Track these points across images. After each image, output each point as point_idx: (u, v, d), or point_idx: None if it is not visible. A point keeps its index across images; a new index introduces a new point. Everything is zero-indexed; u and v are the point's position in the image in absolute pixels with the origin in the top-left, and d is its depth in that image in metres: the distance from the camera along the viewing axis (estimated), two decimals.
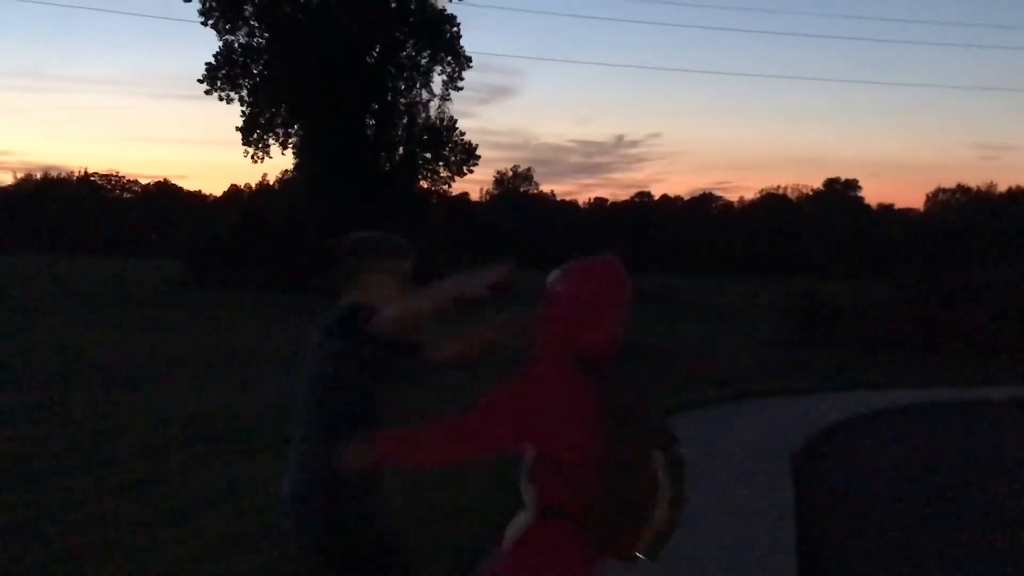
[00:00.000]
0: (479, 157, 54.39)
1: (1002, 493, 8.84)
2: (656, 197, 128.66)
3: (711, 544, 6.43)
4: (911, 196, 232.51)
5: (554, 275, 2.92)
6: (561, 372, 2.82)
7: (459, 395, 13.90)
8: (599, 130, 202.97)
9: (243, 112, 51.11)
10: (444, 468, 2.86)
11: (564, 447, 2.79)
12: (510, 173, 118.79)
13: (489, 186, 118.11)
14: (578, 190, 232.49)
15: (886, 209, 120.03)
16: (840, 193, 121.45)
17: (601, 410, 2.76)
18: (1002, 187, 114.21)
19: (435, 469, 2.97)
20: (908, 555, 6.70)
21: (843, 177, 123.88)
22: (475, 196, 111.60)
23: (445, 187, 56.72)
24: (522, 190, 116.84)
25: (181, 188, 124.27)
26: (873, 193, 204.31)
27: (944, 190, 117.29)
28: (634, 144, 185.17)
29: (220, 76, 50.53)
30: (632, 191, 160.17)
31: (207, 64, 50.41)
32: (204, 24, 49.88)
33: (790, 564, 6.10)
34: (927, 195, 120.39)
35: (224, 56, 50.44)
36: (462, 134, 53.96)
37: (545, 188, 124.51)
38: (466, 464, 3.71)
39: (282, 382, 15.43)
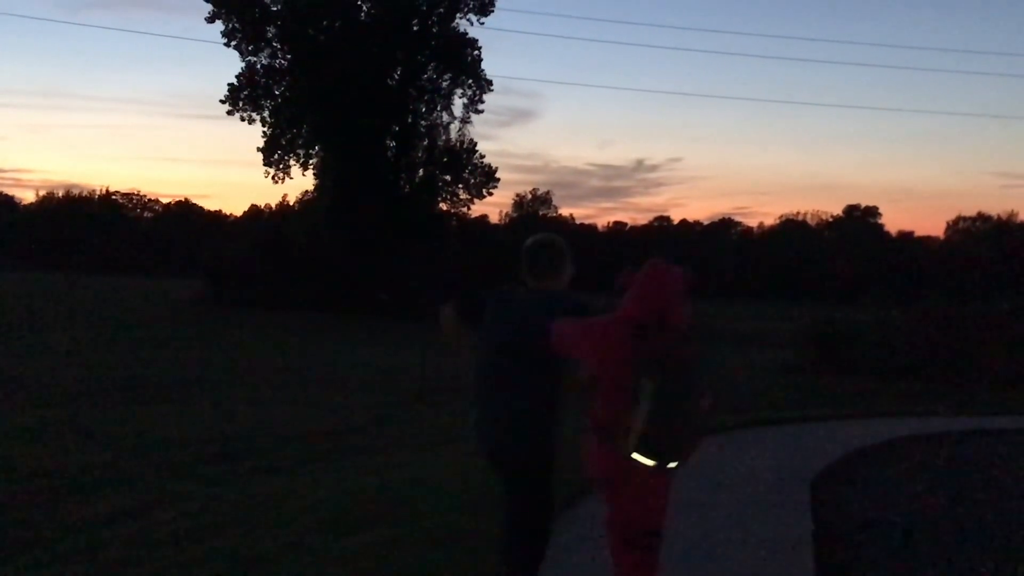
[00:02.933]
0: (498, 180, 54.63)
1: None
2: (675, 222, 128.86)
3: (727, 572, 6.42)
4: (931, 224, 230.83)
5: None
6: (613, 325, 4.22)
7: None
8: (619, 154, 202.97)
9: (264, 132, 51.51)
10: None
11: (602, 374, 4.18)
12: (529, 196, 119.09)
13: (508, 209, 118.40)
14: (597, 214, 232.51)
15: (906, 236, 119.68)
16: (860, 220, 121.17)
17: (632, 354, 4.00)
18: (1023, 216, 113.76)
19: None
20: None
21: (863, 204, 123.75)
22: (494, 219, 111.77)
23: (464, 209, 56.98)
24: (541, 213, 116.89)
25: (202, 207, 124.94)
26: (893, 220, 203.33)
27: (965, 218, 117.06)
28: (654, 168, 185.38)
29: (242, 97, 50.92)
30: (651, 215, 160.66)
31: (229, 85, 50.94)
32: (227, 45, 50.43)
33: None
34: (947, 223, 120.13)
35: (246, 77, 50.83)
36: (482, 157, 54.28)
37: (564, 211, 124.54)
38: None
39: (297, 401, 15.48)
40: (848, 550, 7.52)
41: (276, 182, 52.53)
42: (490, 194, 54.96)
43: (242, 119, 51.27)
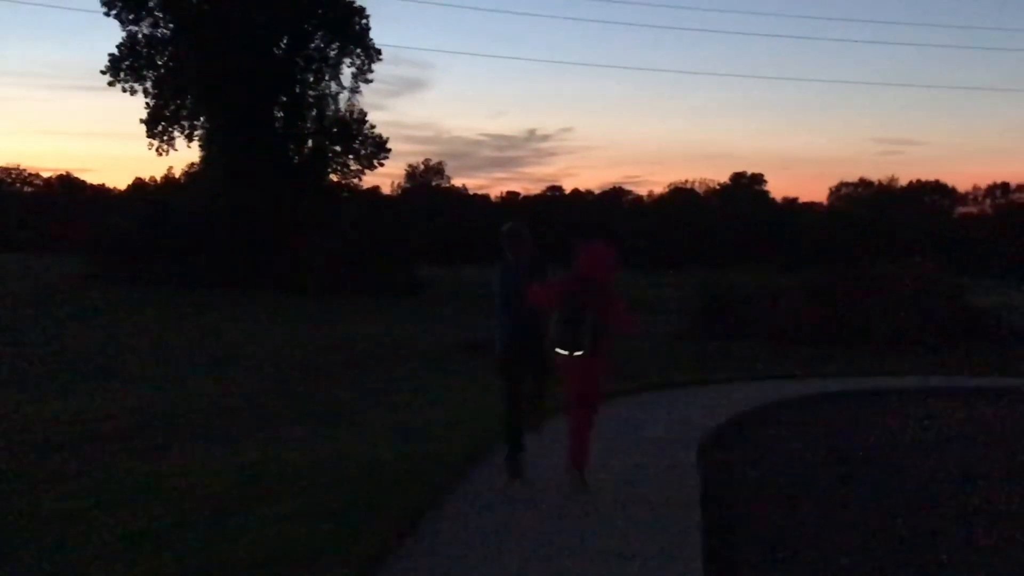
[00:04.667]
0: (390, 150, 54.06)
1: (906, 478, 9.10)
2: (567, 191, 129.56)
3: (617, 532, 6.53)
4: (815, 190, 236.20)
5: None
6: (567, 279, 7.67)
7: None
8: (511, 124, 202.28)
9: (147, 104, 50.09)
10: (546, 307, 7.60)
11: (557, 306, 7.56)
12: (422, 167, 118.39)
13: (400, 180, 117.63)
14: (490, 184, 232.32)
15: (791, 203, 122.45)
16: (746, 187, 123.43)
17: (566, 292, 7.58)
18: (903, 181, 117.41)
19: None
20: (814, 540, 6.88)
21: (749, 171, 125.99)
22: (386, 190, 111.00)
23: (355, 180, 56.31)
24: (434, 184, 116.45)
25: (84, 182, 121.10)
26: (779, 187, 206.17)
27: (847, 184, 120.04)
28: (546, 138, 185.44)
29: (124, 67, 49.42)
30: (544, 185, 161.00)
31: (110, 55, 49.26)
32: (107, 14, 48.77)
33: (696, 552, 6.21)
34: (830, 189, 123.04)
35: (128, 47, 49.35)
36: (372, 127, 53.60)
37: (457, 182, 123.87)
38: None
39: (186, 379, 15.22)
40: (735, 509, 7.73)
41: (161, 155, 51.19)
42: (381, 165, 54.43)
43: (124, 90, 49.82)
